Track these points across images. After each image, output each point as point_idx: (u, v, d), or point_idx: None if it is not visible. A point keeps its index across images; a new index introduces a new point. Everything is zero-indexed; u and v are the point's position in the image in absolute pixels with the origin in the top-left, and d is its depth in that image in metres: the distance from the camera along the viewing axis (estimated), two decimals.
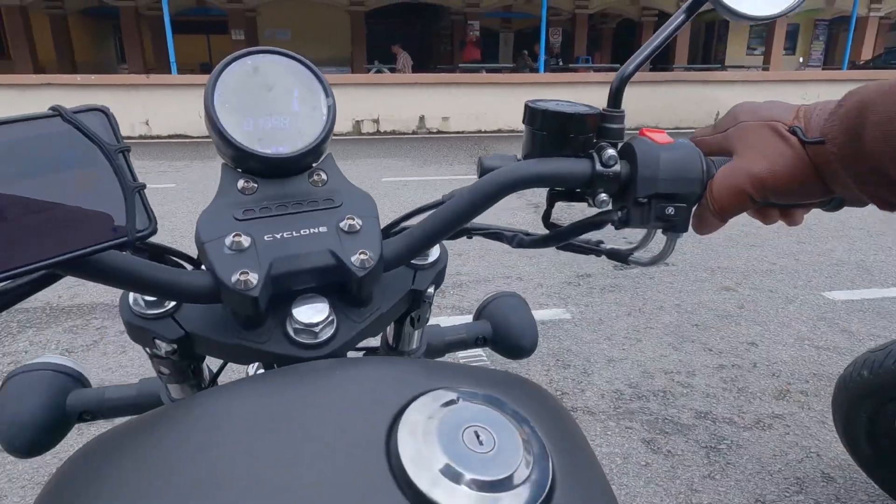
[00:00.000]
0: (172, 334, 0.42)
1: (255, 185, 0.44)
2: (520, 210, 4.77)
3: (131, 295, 0.43)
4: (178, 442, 0.31)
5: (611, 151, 0.47)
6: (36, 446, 0.49)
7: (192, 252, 0.47)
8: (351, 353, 0.59)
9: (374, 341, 0.61)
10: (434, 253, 0.51)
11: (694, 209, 0.48)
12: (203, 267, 0.43)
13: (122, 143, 0.33)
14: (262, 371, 0.55)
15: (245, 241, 0.40)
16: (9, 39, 15.06)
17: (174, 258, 0.48)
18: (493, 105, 9.19)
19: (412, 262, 0.49)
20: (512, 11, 17.94)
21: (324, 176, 0.47)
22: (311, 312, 0.41)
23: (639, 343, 2.63)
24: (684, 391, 2.26)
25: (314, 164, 0.47)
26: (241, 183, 0.44)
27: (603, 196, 0.47)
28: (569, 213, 0.52)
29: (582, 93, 9.19)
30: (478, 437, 0.29)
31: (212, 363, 0.52)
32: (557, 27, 17.25)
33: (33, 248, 0.29)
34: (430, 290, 0.50)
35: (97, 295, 3.06)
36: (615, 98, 0.48)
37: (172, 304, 0.43)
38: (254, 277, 0.39)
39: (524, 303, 0.64)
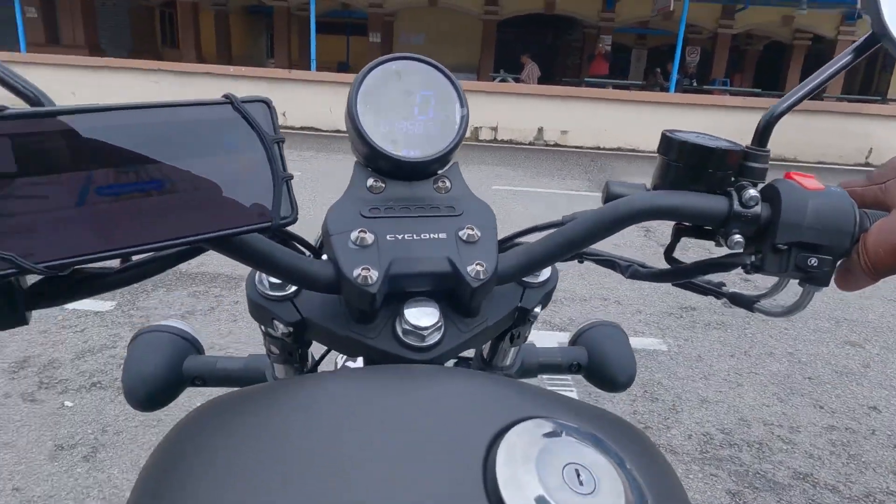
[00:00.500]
0: (290, 317, 0.44)
1: (383, 185, 0.46)
2: (629, 230, 4.60)
3: (257, 274, 0.45)
4: (284, 419, 0.32)
5: (752, 192, 0.44)
6: (153, 401, 0.52)
7: (310, 238, 0.51)
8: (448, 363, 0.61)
9: (468, 353, 0.62)
10: (545, 273, 0.50)
11: (839, 263, 0.45)
12: (324, 257, 0.45)
13: (278, 134, 0.35)
14: (357, 364, 0.56)
15: (369, 237, 0.42)
16: (180, 31, 16.94)
17: (297, 244, 0.50)
18: (615, 122, 8.94)
19: (523, 279, 0.49)
20: (648, 27, 17.34)
21: (448, 183, 0.47)
22: (422, 316, 0.42)
23: (739, 387, 2.45)
24: (784, 447, 2.08)
25: (439, 171, 0.48)
26: (370, 181, 0.46)
27: (737, 238, 0.45)
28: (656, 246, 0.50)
29: (714, 117, 8.68)
30: (578, 475, 0.27)
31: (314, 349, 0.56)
32: (696, 46, 16.42)
33: (189, 222, 0.32)
34: (537, 309, 0.50)
35: (219, 266, 3.37)
36: (762, 136, 0.46)
37: (293, 288, 0.44)
38: (374, 274, 0.40)
39: (624, 335, 0.62)
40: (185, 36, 16.52)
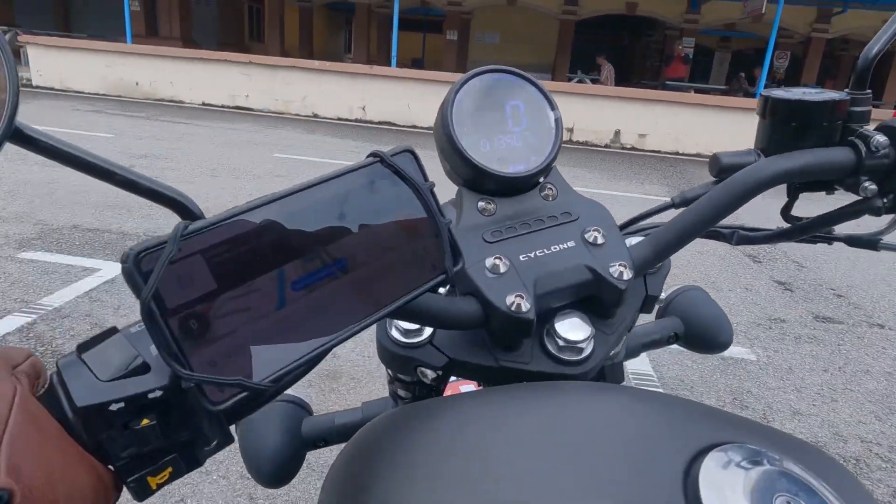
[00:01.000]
0: (437, 362, 0.42)
1: (494, 206, 0.45)
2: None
3: (386, 322, 0.43)
4: (470, 433, 0.31)
5: (880, 138, 0.45)
6: (282, 475, 0.49)
7: None
8: None
9: None
10: None
11: None
12: (441, 291, 0.43)
13: (428, 181, 0.33)
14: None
15: (503, 263, 0.40)
16: (266, 26, 17.70)
17: None
18: (695, 127, 8.71)
19: None
20: (734, 30, 16.68)
21: (554, 190, 0.46)
22: (574, 329, 0.41)
23: (833, 403, 2.40)
24: (883, 465, 2.03)
25: (541, 179, 0.47)
26: (480, 204, 0.44)
27: (870, 185, 0.45)
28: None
29: None
30: None
31: None
32: (785, 50, 15.67)
33: (379, 294, 0.30)
34: (663, 294, 0.49)
35: None
36: (860, 79, 0.46)
37: (429, 331, 0.42)
38: (525, 301, 0.39)
39: (709, 295, 0.60)
40: (270, 30, 17.26)
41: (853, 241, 0.52)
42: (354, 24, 17.70)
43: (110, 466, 0.27)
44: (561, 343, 0.41)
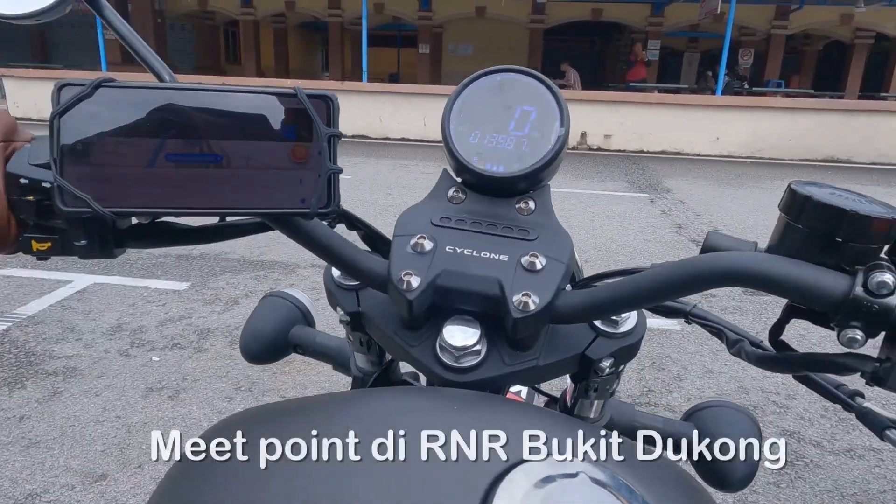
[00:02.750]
0: (350, 307, 0.47)
1: (463, 197, 0.45)
2: (660, 229, 4.76)
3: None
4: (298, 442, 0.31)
5: (887, 277, 0.32)
6: (258, 357, 0.59)
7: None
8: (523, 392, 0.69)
9: (556, 390, 0.60)
10: (627, 323, 0.44)
11: None
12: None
13: (335, 129, 0.35)
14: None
15: (428, 244, 0.41)
16: (242, 47, 17.99)
17: (367, 233, 0.49)
18: (659, 126, 9.02)
19: (598, 325, 0.44)
20: (700, 31, 17.16)
21: (531, 205, 0.45)
22: (460, 335, 0.40)
23: (744, 363, 2.63)
24: (777, 410, 2.27)
25: (530, 192, 0.46)
26: (451, 191, 0.46)
27: (854, 334, 0.34)
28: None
29: (763, 119, 8.64)
30: None
31: None
32: (749, 47, 16.15)
33: (239, 196, 0.35)
34: (606, 363, 0.43)
35: (277, 255, 3.78)
36: None
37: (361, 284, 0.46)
38: (416, 281, 0.39)
39: (755, 425, 0.51)
40: (246, 52, 17.54)
41: (864, 416, 0.43)
42: (329, 43, 18.01)
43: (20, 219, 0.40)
44: (442, 343, 0.41)
